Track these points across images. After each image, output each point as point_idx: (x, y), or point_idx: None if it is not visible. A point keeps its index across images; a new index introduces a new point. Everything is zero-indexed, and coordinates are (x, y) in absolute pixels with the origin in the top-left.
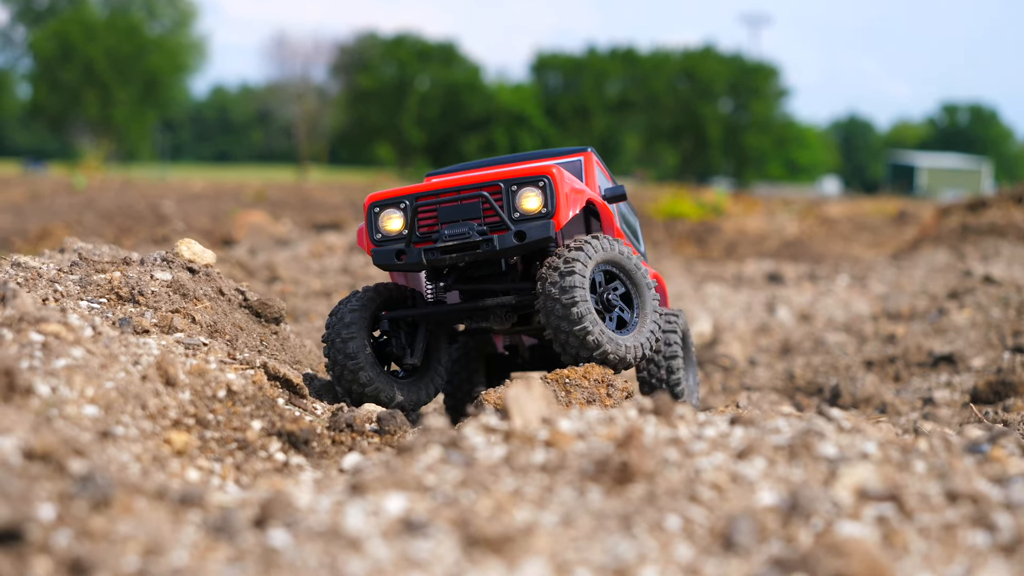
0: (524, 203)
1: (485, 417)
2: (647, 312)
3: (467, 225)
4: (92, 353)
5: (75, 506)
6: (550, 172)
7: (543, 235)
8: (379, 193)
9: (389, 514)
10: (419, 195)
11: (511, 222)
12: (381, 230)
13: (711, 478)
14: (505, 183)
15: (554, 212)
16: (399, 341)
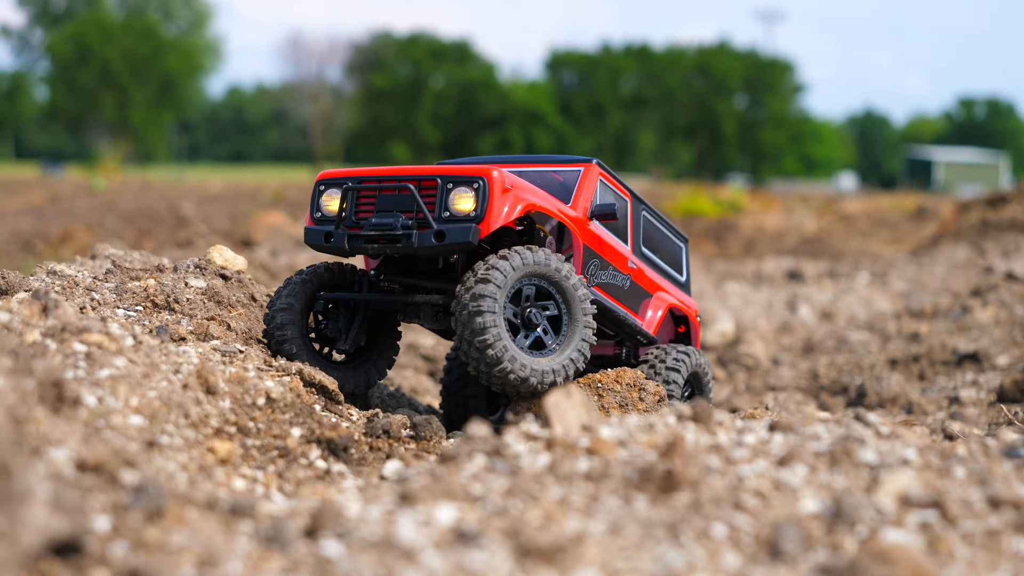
0: (457, 203)
1: (526, 424)
2: (574, 337)
3: (396, 217)
4: (134, 363)
5: (130, 517)
6: (487, 174)
7: (462, 239)
8: (328, 172)
9: (440, 524)
10: (362, 179)
11: (436, 220)
12: (322, 209)
13: (754, 485)
14: (441, 180)
15: (483, 217)
16: (335, 324)
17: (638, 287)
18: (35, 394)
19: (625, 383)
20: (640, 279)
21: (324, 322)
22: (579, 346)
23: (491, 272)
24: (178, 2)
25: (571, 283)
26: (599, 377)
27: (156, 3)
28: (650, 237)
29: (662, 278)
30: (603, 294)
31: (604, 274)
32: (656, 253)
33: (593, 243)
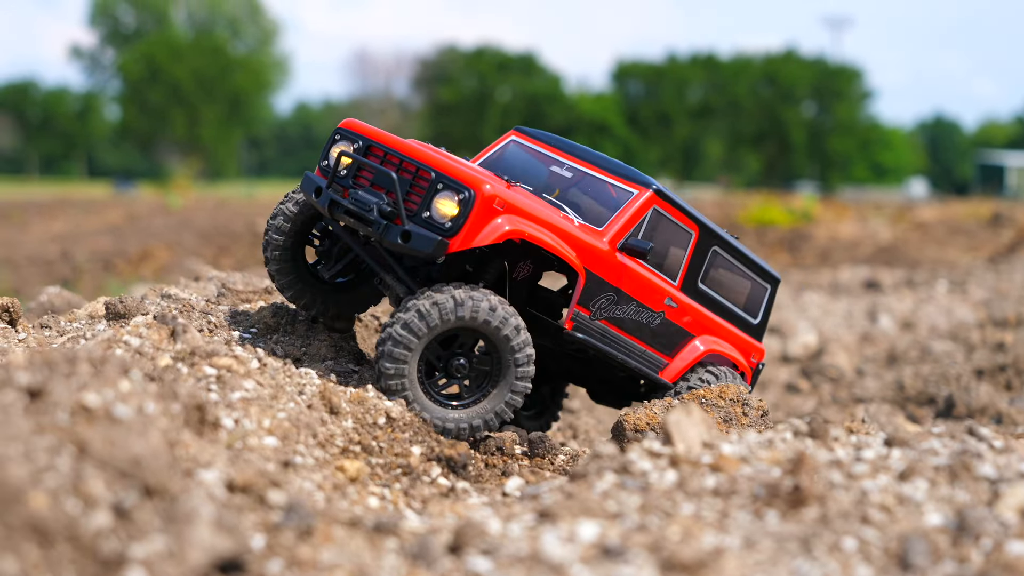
0: (439, 205)
1: (648, 442)
2: (496, 395)
3: (379, 198)
4: (261, 384)
5: (282, 536)
6: (478, 186)
7: (424, 248)
8: (352, 122)
9: (584, 540)
10: (373, 143)
11: (412, 218)
12: (329, 157)
13: (879, 500)
14: (436, 175)
15: (457, 231)
16: (328, 248)
17: (673, 325)
18: (181, 417)
19: (728, 398)
20: (679, 317)
21: (323, 240)
22: (497, 407)
23: (431, 311)
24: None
25: (516, 356)
26: (703, 392)
27: (224, 21)
28: (719, 274)
29: (721, 318)
30: (613, 328)
31: (621, 309)
32: (722, 291)
33: (612, 276)
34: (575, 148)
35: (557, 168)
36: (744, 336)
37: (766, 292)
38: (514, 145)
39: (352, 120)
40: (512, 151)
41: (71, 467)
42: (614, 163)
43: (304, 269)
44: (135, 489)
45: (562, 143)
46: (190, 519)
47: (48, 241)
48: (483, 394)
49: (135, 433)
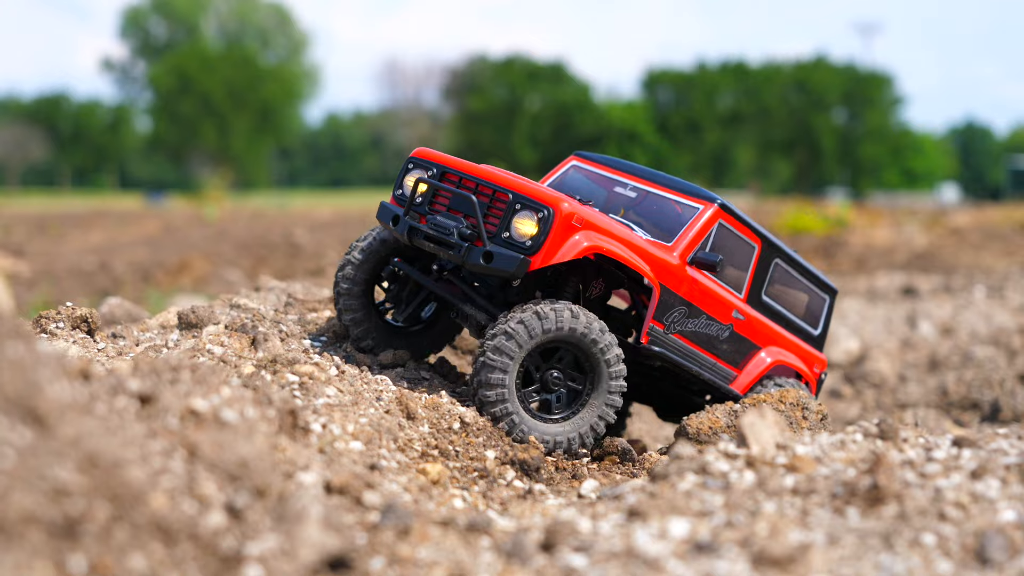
0: (519, 224)
1: (724, 444)
2: (588, 411)
3: (458, 222)
4: (342, 391)
5: (382, 535)
6: (557, 205)
7: (507, 267)
8: (423, 151)
9: (675, 536)
10: (447, 169)
11: (493, 239)
12: (403, 186)
13: (953, 497)
14: (513, 196)
15: (538, 249)
16: (399, 292)
17: (741, 338)
18: (276, 422)
19: (789, 402)
20: (746, 329)
21: (391, 286)
22: (592, 421)
23: (517, 329)
24: (276, 31)
25: (606, 357)
26: (763, 397)
27: (254, 32)
28: (781, 286)
29: (784, 330)
30: (686, 342)
31: (692, 322)
32: (784, 303)
33: (684, 290)
34: (636, 169)
35: (621, 189)
36: (806, 347)
37: (825, 303)
38: (575, 170)
39: (424, 149)
40: (573, 175)
41: (184, 469)
42: (676, 181)
43: (378, 315)
44: (245, 490)
45: (622, 164)
46: (300, 518)
47: (86, 253)
48: (581, 404)
49: (241, 437)
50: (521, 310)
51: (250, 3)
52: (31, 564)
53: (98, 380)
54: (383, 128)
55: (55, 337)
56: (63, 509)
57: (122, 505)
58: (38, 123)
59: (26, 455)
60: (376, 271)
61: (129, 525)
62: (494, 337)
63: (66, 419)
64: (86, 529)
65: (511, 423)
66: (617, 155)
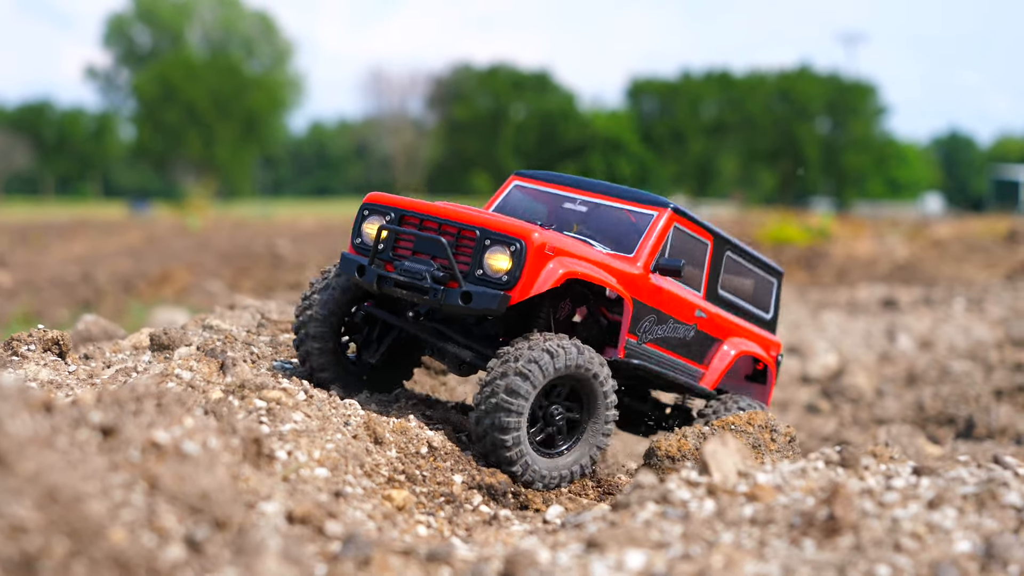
0: (491, 261)
1: (686, 472)
2: (588, 441)
3: (428, 265)
4: (309, 416)
5: (342, 566)
6: (527, 236)
7: (488, 305)
8: (376, 196)
9: (631, 569)
10: (405, 212)
11: (467, 278)
12: (362, 235)
13: (910, 528)
14: (480, 233)
15: (515, 283)
16: (368, 335)
17: (704, 335)
18: (240, 451)
19: (757, 425)
20: (709, 326)
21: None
22: (591, 451)
23: (531, 368)
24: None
25: (604, 389)
26: (732, 420)
27: (239, 41)
28: (732, 277)
29: (741, 319)
30: (658, 349)
31: (661, 328)
32: (738, 293)
33: (651, 298)
34: (581, 182)
35: (570, 204)
36: (762, 332)
37: (773, 286)
38: (518, 190)
39: (377, 194)
40: (517, 196)
41: (145, 502)
42: (623, 189)
43: (345, 360)
44: (205, 522)
45: (565, 179)
46: (259, 551)
47: (68, 263)
48: (580, 434)
49: (202, 468)
50: (528, 348)
51: (235, 12)
52: None
53: (60, 412)
54: (368, 137)
55: (26, 360)
56: (20, 546)
57: (81, 540)
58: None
59: None
60: (340, 322)
61: (88, 560)
62: (505, 377)
63: (26, 454)
64: (43, 565)
65: (524, 465)
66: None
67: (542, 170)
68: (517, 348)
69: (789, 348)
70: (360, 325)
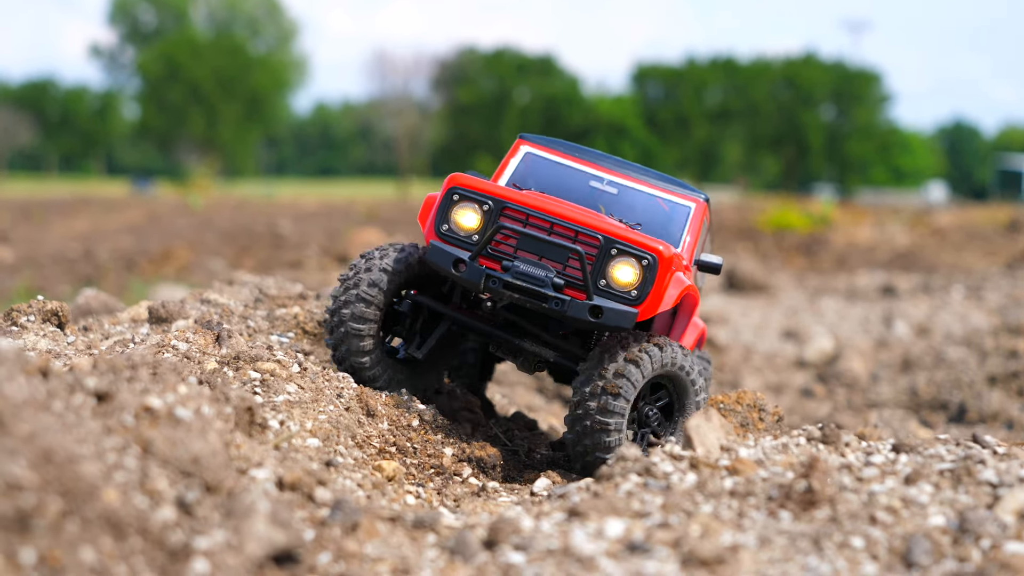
0: (616, 272)
1: (669, 446)
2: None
3: (545, 269)
4: (303, 388)
5: (330, 531)
6: (659, 252)
7: (620, 323)
8: (466, 179)
9: (611, 536)
10: (508, 204)
11: (594, 290)
12: (451, 222)
13: (885, 502)
14: (605, 240)
15: (644, 299)
16: (412, 327)
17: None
18: (232, 419)
19: (746, 404)
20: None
21: (403, 318)
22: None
23: (621, 384)
24: (265, 19)
25: (691, 378)
26: (721, 398)
27: (243, 21)
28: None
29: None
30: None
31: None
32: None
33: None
34: (603, 159)
35: (597, 184)
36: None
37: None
38: (532, 158)
39: (463, 176)
40: (534, 166)
41: (137, 465)
42: (656, 174)
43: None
44: (196, 486)
45: (587, 153)
46: (248, 514)
47: (70, 240)
48: (675, 425)
49: (195, 434)
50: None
51: None
52: None
53: (57, 377)
54: (371, 118)
55: (25, 330)
56: (15, 503)
57: (74, 500)
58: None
59: None
60: (387, 304)
61: (80, 519)
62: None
63: (22, 416)
64: (37, 523)
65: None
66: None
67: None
68: (599, 361)
69: (786, 332)
70: (405, 316)
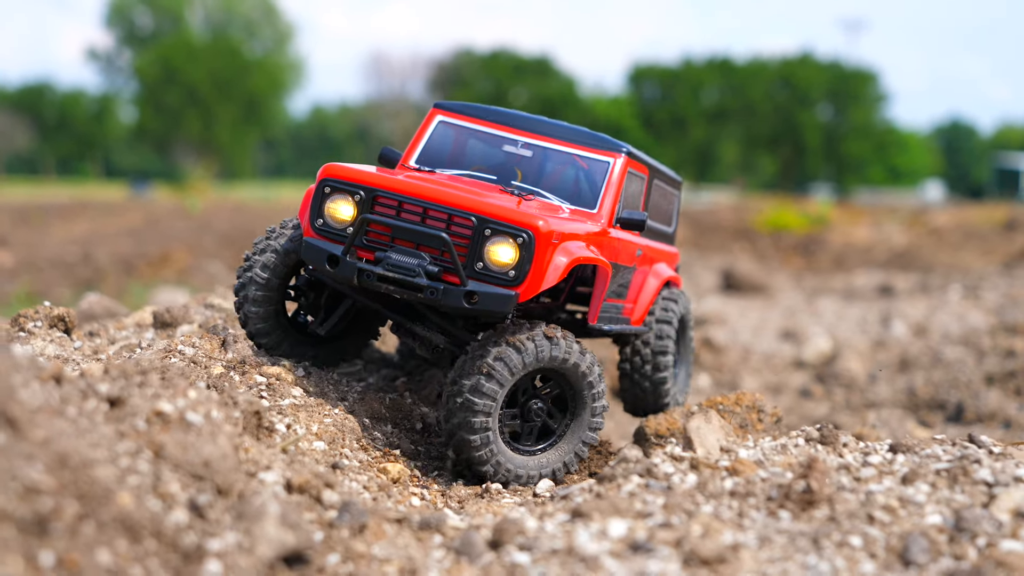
0: (493, 253)
1: (670, 447)
2: (570, 440)
3: (418, 257)
4: (308, 392)
5: (338, 532)
6: (535, 227)
7: (498, 309)
8: (339, 169)
9: (614, 536)
10: (380, 192)
11: (466, 275)
12: (326, 216)
13: (883, 501)
14: (478, 221)
15: (523, 279)
16: (316, 302)
17: (637, 271)
18: (240, 423)
19: (745, 405)
20: (642, 261)
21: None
22: (575, 447)
23: (496, 367)
24: (262, 22)
25: (589, 379)
26: (720, 400)
27: (240, 23)
28: (655, 203)
29: (657, 242)
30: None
31: (615, 280)
32: (655, 217)
33: (613, 255)
34: (517, 118)
35: (511, 147)
36: (669, 249)
37: (676, 198)
38: (444, 127)
39: (335, 166)
40: (446, 135)
41: (150, 469)
42: (570, 129)
43: (291, 330)
44: (207, 489)
45: (499, 115)
46: (259, 516)
47: (69, 244)
48: (559, 435)
49: (205, 438)
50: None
51: None
52: (3, 558)
53: (70, 383)
54: (368, 120)
55: (33, 336)
56: (33, 507)
57: (90, 503)
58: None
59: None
60: (284, 284)
61: (96, 522)
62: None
63: (37, 421)
64: (55, 526)
65: (496, 465)
66: None
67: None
68: (484, 343)
69: (784, 333)
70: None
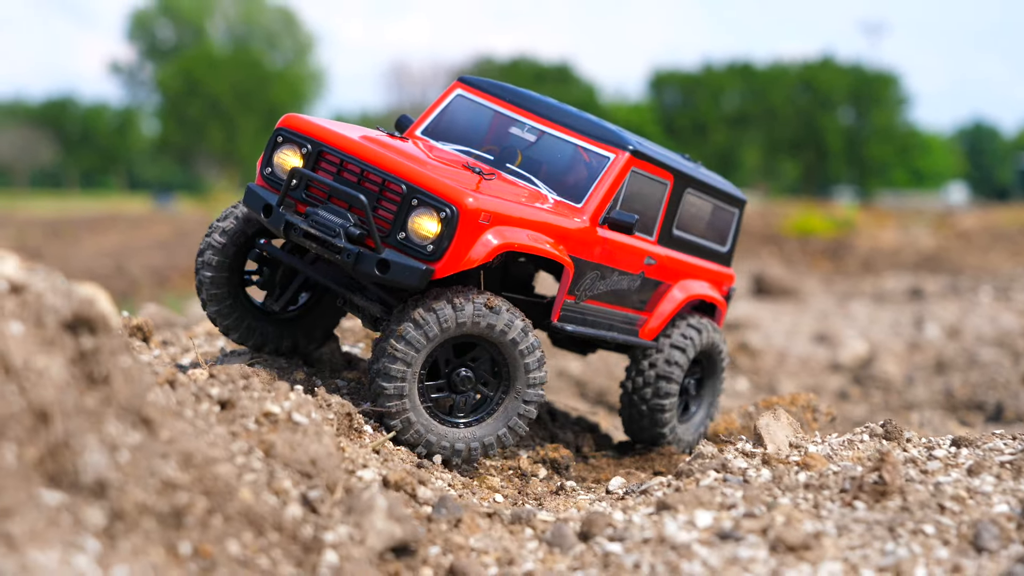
0: (416, 224)
1: (741, 444)
2: (507, 409)
3: (343, 217)
4: None
5: (437, 526)
6: (461, 203)
7: (407, 280)
8: (295, 119)
9: (701, 526)
10: (325, 148)
11: (387, 239)
12: (274, 165)
13: (952, 492)
14: (408, 188)
15: (441, 254)
16: (270, 276)
17: (652, 282)
18: (335, 424)
19: (800, 405)
20: (658, 272)
21: (259, 269)
22: (501, 430)
23: (426, 318)
24: (282, 33)
25: (525, 360)
26: (776, 400)
27: (261, 35)
28: (690, 215)
29: (694, 257)
30: (597, 304)
31: (603, 283)
32: (694, 230)
33: (596, 255)
34: (532, 101)
35: (517, 129)
36: (716, 267)
37: (734, 216)
38: (460, 100)
39: (294, 117)
40: (460, 108)
41: (263, 466)
42: (582, 119)
43: (248, 305)
44: (317, 485)
45: (516, 96)
46: (368, 509)
47: (101, 256)
48: (491, 408)
49: (311, 437)
50: (432, 298)
51: (256, 5)
52: (146, 549)
53: (183, 387)
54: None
55: None
56: (171, 501)
57: (216, 498)
58: (46, 126)
59: (137, 454)
60: (242, 253)
61: (223, 516)
62: (399, 323)
63: (164, 423)
64: (189, 520)
65: (406, 422)
66: None
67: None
68: (410, 304)
69: (818, 336)
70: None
